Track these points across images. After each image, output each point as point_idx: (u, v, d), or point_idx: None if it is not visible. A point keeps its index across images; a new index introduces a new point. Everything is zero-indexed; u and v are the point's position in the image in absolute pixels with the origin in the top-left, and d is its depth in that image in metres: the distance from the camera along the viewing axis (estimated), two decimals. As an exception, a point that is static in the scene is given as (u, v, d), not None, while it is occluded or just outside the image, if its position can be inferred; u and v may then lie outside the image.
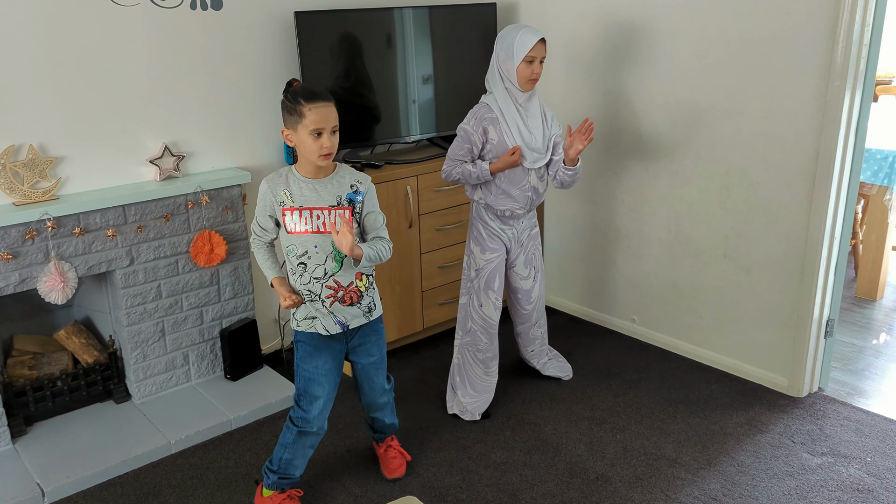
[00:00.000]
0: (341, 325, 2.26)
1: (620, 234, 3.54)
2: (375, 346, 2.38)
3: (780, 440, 2.73)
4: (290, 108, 2.10)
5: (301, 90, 2.12)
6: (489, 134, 2.67)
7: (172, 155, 2.97)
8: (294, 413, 2.33)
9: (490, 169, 2.67)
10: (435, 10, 3.42)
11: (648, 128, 3.29)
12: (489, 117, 2.67)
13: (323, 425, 2.35)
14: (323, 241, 2.17)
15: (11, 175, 2.62)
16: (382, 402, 2.51)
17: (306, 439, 2.34)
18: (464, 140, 2.69)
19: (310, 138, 2.08)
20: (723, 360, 3.25)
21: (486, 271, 2.83)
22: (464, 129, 2.70)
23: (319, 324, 2.25)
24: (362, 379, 2.43)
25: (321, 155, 2.10)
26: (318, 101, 2.08)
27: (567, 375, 3.21)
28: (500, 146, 2.67)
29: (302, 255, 2.18)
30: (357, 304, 2.27)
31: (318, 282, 2.20)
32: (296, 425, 2.32)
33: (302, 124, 2.08)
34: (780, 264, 2.96)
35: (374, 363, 2.40)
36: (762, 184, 2.95)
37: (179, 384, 3.12)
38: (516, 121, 2.67)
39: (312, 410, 2.30)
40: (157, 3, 2.84)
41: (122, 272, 2.86)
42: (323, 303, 2.23)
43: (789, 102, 2.80)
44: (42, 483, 2.52)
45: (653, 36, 3.17)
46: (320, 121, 2.07)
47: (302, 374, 2.30)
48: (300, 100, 2.08)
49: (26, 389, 2.81)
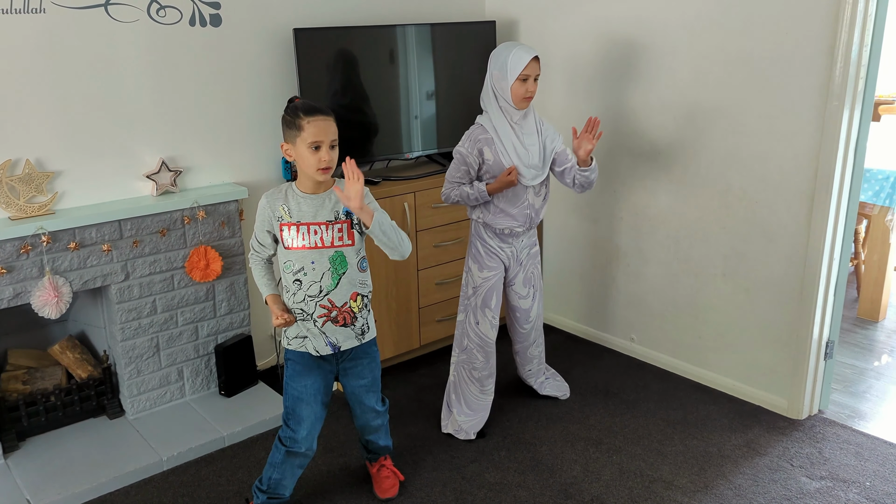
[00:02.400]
0: (332, 346, 2.24)
1: (620, 253, 3.52)
2: (367, 369, 2.35)
3: (778, 463, 2.70)
4: (289, 121, 2.11)
5: (301, 105, 2.12)
6: (485, 155, 2.66)
7: (170, 170, 2.97)
8: (283, 433, 2.31)
9: (487, 190, 2.66)
10: (437, 27, 3.43)
11: (648, 146, 3.28)
12: (483, 138, 2.66)
13: (312, 446, 2.33)
14: (320, 256, 2.16)
15: (8, 189, 2.62)
16: (375, 424, 2.48)
17: (295, 459, 2.32)
18: (460, 163, 2.69)
19: (308, 152, 2.08)
20: (722, 381, 3.21)
21: (484, 289, 2.81)
22: (459, 151, 2.69)
23: (310, 343, 2.23)
24: (353, 402, 2.41)
25: (319, 169, 2.09)
26: (316, 115, 2.08)
27: (564, 395, 3.18)
28: (497, 166, 2.66)
29: (298, 272, 2.17)
30: (350, 325, 2.24)
31: (312, 300, 2.19)
32: (284, 445, 2.30)
33: (300, 137, 2.07)
34: (780, 284, 2.94)
35: (365, 386, 2.37)
36: (761, 203, 2.93)
37: (174, 400, 3.11)
38: (511, 139, 2.66)
39: (300, 431, 2.28)
40: (157, 19, 2.85)
41: (118, 287, 2.85)
42: (315, 322, 2.21)
43: (788, 122, 2.79)
44: (32, 500, 2.50)
45: (652, 54, 3.17)
46: (318, 133, 2.06)
47: (290, 392, 2.28)
48: (299, 113, 2.08)
49: (19, 404, 2.79)
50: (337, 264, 2.18)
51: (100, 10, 2.72)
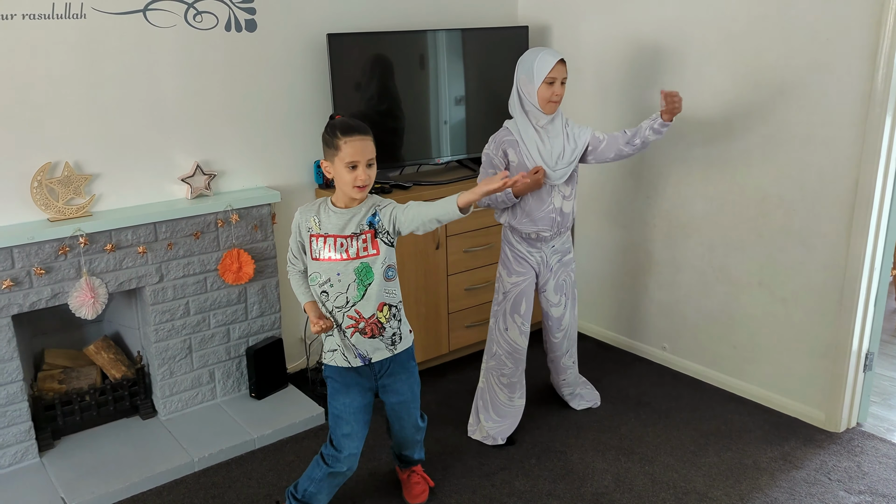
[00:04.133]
0: (362, 358, 2.23)
1: (652, 260, 3.48)
2: (405, 385, 2.33)
3: (815, 477, 2.64)
4: (328, 140, 2.13)
5: (339, 123, 2.13)
6: (509, 156, 2.66)
7: (204, 173, 3.00)
8: (326, 450, 2.30)
9: (513, 192, 2.65)
10: (468, 32, 3.43)
11: (681, 152, 3.24)
12: (508, 140, 2.67)
13: (353, 465, 2.31)
14: (345, 268, 2.16)
15: (47, 192, 2.67)
16: (415, 440, 2.48)
17: (335, 479, 2.32)
18: (486, 164, 2.71)
19: (345, 170, 2.10)
20: (757, 392, 3.15)
21: (513, 294, 2.79)
22: (485, 153, 2.72)
23: (340, 355, 2.23)
24: (391, 418, 2.40)
25: (356, 186, 2.11)
26: (354, 135, 2.09)
27: (595, 403, 3.15)
28: (521, 168, 2.65)
29: (325, 283, 2.17)
30: (379, 336, 2.22)
31: (339, 311, 2.19)
32: (326, 464, 2.29)
33: (338, 157, 2.09)
34: (818, 294, 2.88)
35: (404, 402, 2.35)
36: (799, 212, 2.87)
37: (205, 401, 3.13)
38: (535, 141, 2.65)
39: (344, 451, 2.27)
40: (193, 24, 2.89)
41: (152, 289, 2.89)
42: (344, 334, 2.21)
43: (827, 129, 2.73)
44: (66, 498, 2.54)
45: (687, 60, 3.13)
46: (355, 154, 2.08)
47: (332, 411, 2.28)
48: (337, 133, 2.10)
49: (55, 403, 2.84)
50: (362, 275, 2.17)
51: (138, 16, 2.76)
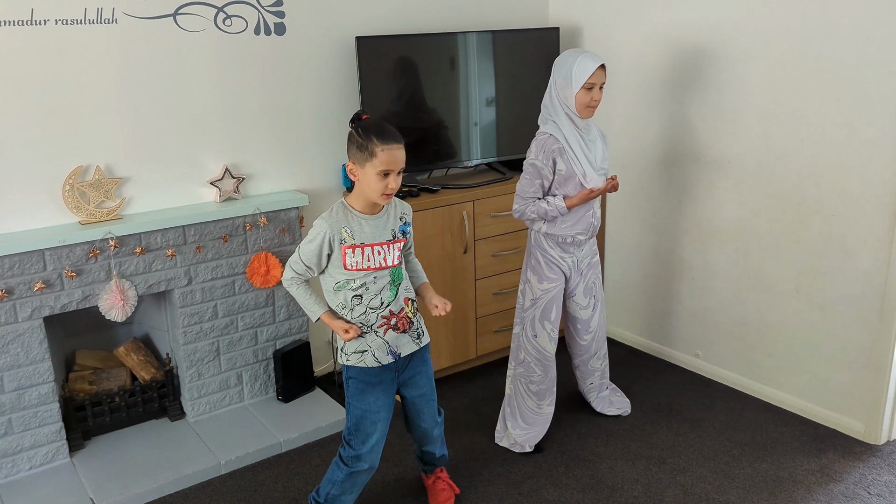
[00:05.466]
0: (393, 354, 2.22)
1: (685, 265, 3.41)
2: (425, 378, 2.34)
3: (854, 490, 2.55)
4: (360, 144, 2.05)
5: (374, 128, 2.06)
6: (557, 165, 2.60)
7: (233, 177, 3.01)
8: (344, 451, 2.28)
9: (567, 205, 2.60)
10: (498, 34, 3.39)
11: (716, 155, 3.16)
12: (556, 148, 2.59)
13: (375, 462, 2.29)
14: (382, 273, 2.16)
15: (78, 195, 2.69)
16: (434, 435, 2.45)
17: (357, 478, 2.29)
18: (534, 176, 2.62)
19: (376, 178, 2.05)
20: (793, 402, 3.06)
21: (543, 301, 2.75)
22: (533, 164, 2.62)
23: (370, 356, 2.20)
24: (412, 412, 2.38)
25: (384, 194, 2.08)
26: (391, 143, 2.04)
27: (625, 411, 3.09)
28: (568, 174, 2.61)
29: (359, 288, 2.15)
30: (408, 330, 2.24)
31: (374, 311, 2.18)
32: (346, 465, 2.26)
33: (371, 163, 2.04)
34: (858, 302, 2.78)
35: (424, 395, 2.35)
36: (839, 217, 2.78)
37: (232, 404, 3.14)
38: (581, 147, 2.61)
39: (365, 446, 2.25)
40: (223, 28, 2.90)
41: (180, 291, 2.90)
42: (376, 333, 2.19)
43: (869, 132, 2.64)
44: (95, 498, 2.56)
45: (722, 60, 3.06)
46: (391, 163, 2.04)
47: (354, 412, 2.25)
48: (373, 138, 2.03)
49: (86, 404, 2.87)
50: (395, 277, 2.20)
51: (168, 21, 2.78)
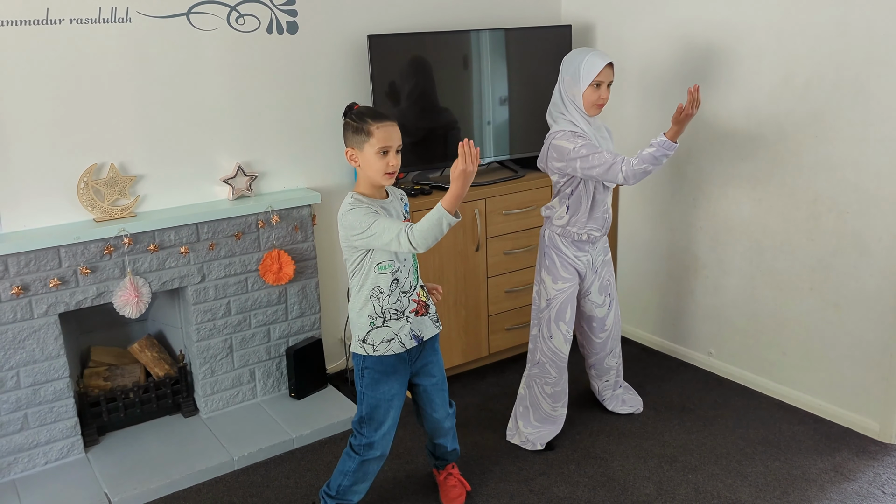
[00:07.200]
0: (416, 338, 2.27)
1: (698, 263, 3.39)
2: (437, 367, 2.38)
3: (868, 490, 2.53)
4: (355, 127, 2.11)
5: (367, 111, 2.14)
6: None
7: (246, 175, 3.02)
8: (355, 440, 2.30)
9: (670, 137, 2.40)
10: (511, 32, 3.39)
11: (729, 152, 3.14)
12: (582, 134, 2.57)
13: (386, 449, 2.31)
14: (405, 257, 2.22)
15: (93, 192, 2.72)
16: (447, 426, 2.46)
17: (368, 466, 2.31)
18: (593, 148, 2.49)
19: (376, 157, 2.09)
20: (807, 400, 3.04)
21: (558, 301, 2.74)
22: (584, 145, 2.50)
23: (397, 343, 2.23)
24: (424, 402, 2.40)
25: (387, 173, 2.11)
26: (384, 121, 2.10)
27: (637, 409, 3.08)
28: None
29: (396, 271, 2.20)
30: (427, 313, 2.30)
31: (405, 295, 2.23)
32: (357, 453, 2.29)
33: (369, 143, 2.09)
34: (873, 300, 2.76)
35: (437, 384, 2.37)
36: (853, 213, 2.76)
37: (245, 400, 3.16)
38: (597, 140, 2.62)
39: (377, 434, 2.27)
40: (236, 27, 2.91)
41: (194, 288, 2.92)
42: (407, 318, 2.24)
43: (884, 128, 2.62)
44: (109, 493, 2.58)
45: (735, 58, 3.04)
46: (387, 139, 2.08)
47: (367, 401, 2.27)
48: (367, 119, 2.10)
49: (100, 400, 2.89)
50: (414, 259, 2.28)
51: (182, 19, 2.80)
